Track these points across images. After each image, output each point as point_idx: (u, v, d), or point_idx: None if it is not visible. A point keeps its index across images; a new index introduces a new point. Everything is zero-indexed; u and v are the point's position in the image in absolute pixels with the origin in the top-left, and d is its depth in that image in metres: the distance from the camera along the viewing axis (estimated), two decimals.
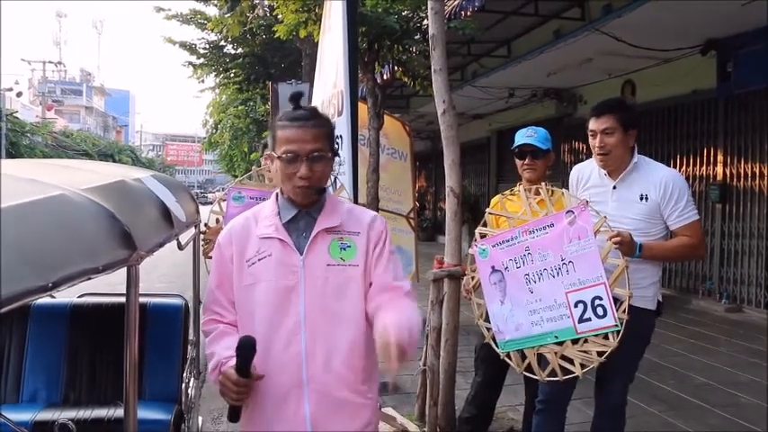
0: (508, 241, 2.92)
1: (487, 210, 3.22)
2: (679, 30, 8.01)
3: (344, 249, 1.94)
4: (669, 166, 3.23)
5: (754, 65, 8.08)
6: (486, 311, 3.04)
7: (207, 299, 2.03)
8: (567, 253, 2.74)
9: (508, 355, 2.96)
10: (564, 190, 2.89)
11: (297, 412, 1.87)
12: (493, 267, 2.97)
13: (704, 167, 9.27)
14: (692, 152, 9.49)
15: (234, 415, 1.84)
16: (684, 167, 9.57)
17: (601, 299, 2.68)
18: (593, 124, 3.00)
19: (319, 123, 1.93)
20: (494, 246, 2.97)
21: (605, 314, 2.68)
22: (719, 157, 8.94)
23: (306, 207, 1.96)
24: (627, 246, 2.70)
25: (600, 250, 2.69)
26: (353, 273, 1.93)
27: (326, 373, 1.88)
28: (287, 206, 1.97)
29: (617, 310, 2.65)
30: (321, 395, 1.88)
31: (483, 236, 3.06)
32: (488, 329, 3.04)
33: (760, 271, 8.34)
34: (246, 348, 1.73)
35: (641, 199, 2.90)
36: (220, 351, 1.88)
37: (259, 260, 1.92)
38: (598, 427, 3.14)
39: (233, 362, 1.78)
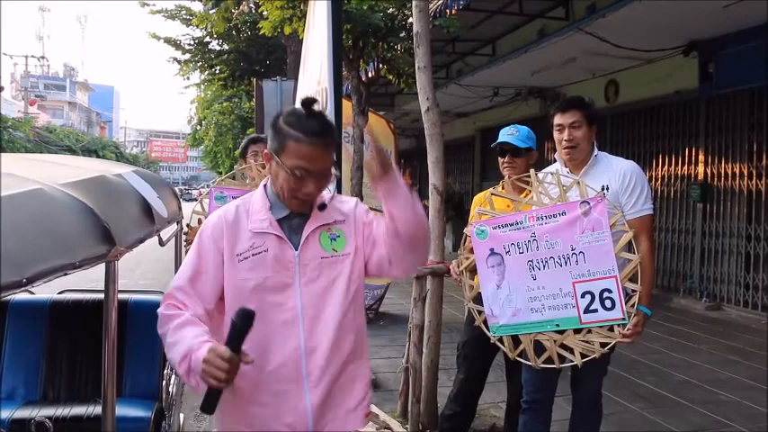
0: (512, 225, 2.87)
1: (491, 191, 3.20)
2: (662, 30, 8.07)
3: (335, 240, 1.94)
4: (651, 166, 3.27)
5: (735, 66, 8.18)
6: (477, 294, 3.03)
7: (177, 284, 1.87)
8: (579, 243, 2.72)
9: (500, 340, 2.96)
10: (580, 179, 2.86)
11: (298, 406, 1.88)
12: (492, 250, 2.92)
13: (686, 167, 9.35)
14: (673, 152, 9.58)
15: (211, 404, 1.64)
16: (666, 167, 9.67)
17: (610, 291, 2.68)
18: (559, 119, 3.03)
19: (331, 139, 1.89)
20: (494, 227, 2.91)
21: (614, 307, 2.68)
22: (701, 157, 9.02)
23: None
24: (643, 324, 2.76)
25: (614, 244, 2.67)
26: (346, 262, 1.94)
27: (324, 364, 1.89)
28: (279, 204, 1.93)
29: (626, 304, 2.67)
30: (320, 385, 1.89)
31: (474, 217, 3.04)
32: (480, 312, 3.03)
33: (740, 270, 8.43)
34: (245, 319, 1.60)
35: (602, 190, 2.90)
36: (190, 340, 1.71)
37: (253, 255, 1.87)
38: (577, 420, 3.19)
39: (208, 346, 1.65)
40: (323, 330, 1.89)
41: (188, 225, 3.77)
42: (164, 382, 3.15)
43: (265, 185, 1.98)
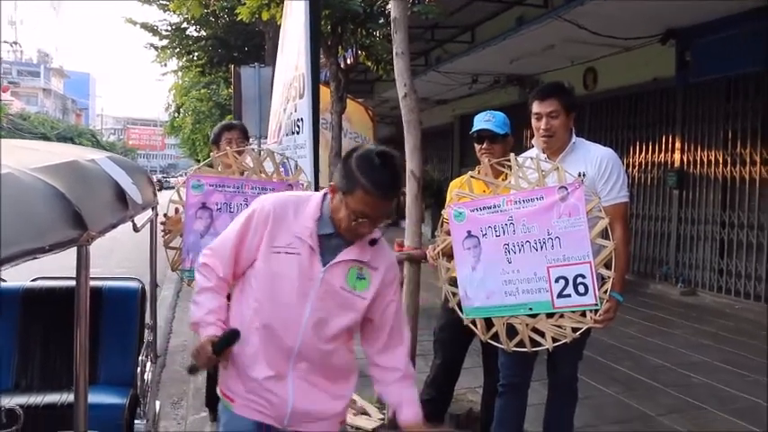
0: (489, 208, 2.87)
1: (469, 174, 3.19)
2: (640, 18, 8.12)
3: (360, 279, 2.06)
4: (629, 153, 3.27)
5: (710, 54, 8.26)
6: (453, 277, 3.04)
7: (217, 246, 2.09)
8: (555, 228, 2.72)
9: (473, 322, 2.97)
10: (559, 165, 2.85)
11: (280, 393, 2.03)
12: (469, 232, 2.91)
13: (663, 154, 9.45)
14: (651, 139, 9.67)
15: (194, 371, 2.07)
16: (643, 154, 9.76)
17: (584, 277, 2.69)
18: (537, 107, 3.02)
19: (398, 191, 1.97)
20: (472, 210, 2.91)
21: (587, 292, 2.69)
22: (677, 145, 9.12)
23: None
24: (615, 310, 2.76)
25: (590, 230, 2.69)
26: (360, 302, 2.06)
27: (312, 370, 2.05)
28: (328, 223, 2.02)
29: (599, 290, 2.69)
30: (304, 382, 2.04)
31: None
32: (454, 294, 3.04)
33: (714, 256, 8.56)
34: (230, 339, 1.97)
35: (579, 176, 2.91)
36: (204, 314, 2.02)
37: (287, 253, 1.99)
38: (553, 403, 3.23)
39: (211, 330, 1.98)
40: (317, 343, 2.03)
41: (165, 215, 3.56)
42: (139, 369, 3.13)
43: (325, 195, 2.05)
